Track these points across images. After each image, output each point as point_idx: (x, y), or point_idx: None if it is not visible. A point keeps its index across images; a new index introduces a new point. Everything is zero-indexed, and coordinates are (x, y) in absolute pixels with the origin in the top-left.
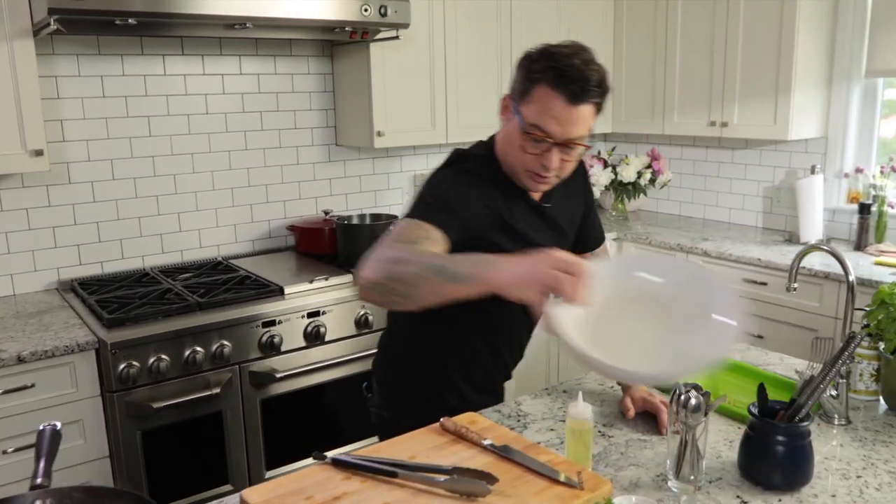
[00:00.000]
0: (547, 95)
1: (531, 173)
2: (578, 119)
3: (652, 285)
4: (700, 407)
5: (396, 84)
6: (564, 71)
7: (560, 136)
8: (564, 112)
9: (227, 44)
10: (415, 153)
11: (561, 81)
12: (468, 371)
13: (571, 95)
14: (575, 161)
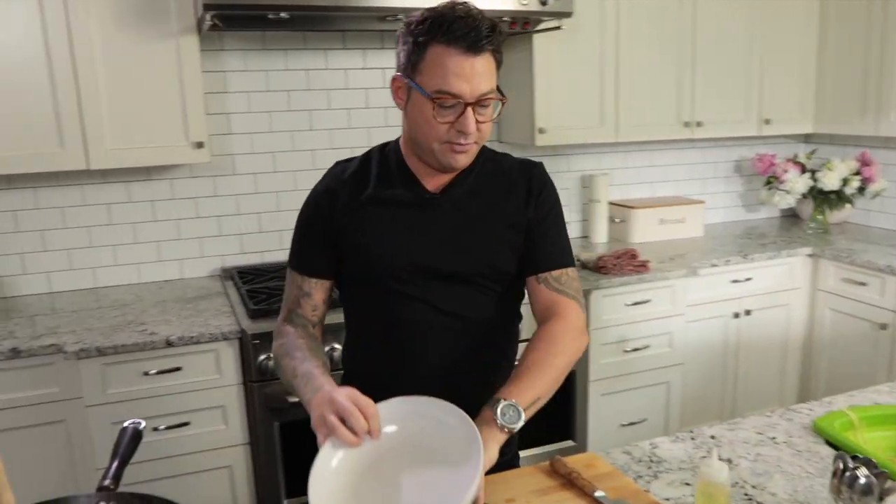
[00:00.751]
0: (442, 55)
1: (450, 145)
2: (483, 71)
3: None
4: (872, 489)
5: (562, 78)
6: (452, 24)
7: (469, 94)
8: (467, 66)
9: (388, 37)
10: (584, 152)
11: (453, 36)
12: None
13: (468, 46)
14: (490, 121)
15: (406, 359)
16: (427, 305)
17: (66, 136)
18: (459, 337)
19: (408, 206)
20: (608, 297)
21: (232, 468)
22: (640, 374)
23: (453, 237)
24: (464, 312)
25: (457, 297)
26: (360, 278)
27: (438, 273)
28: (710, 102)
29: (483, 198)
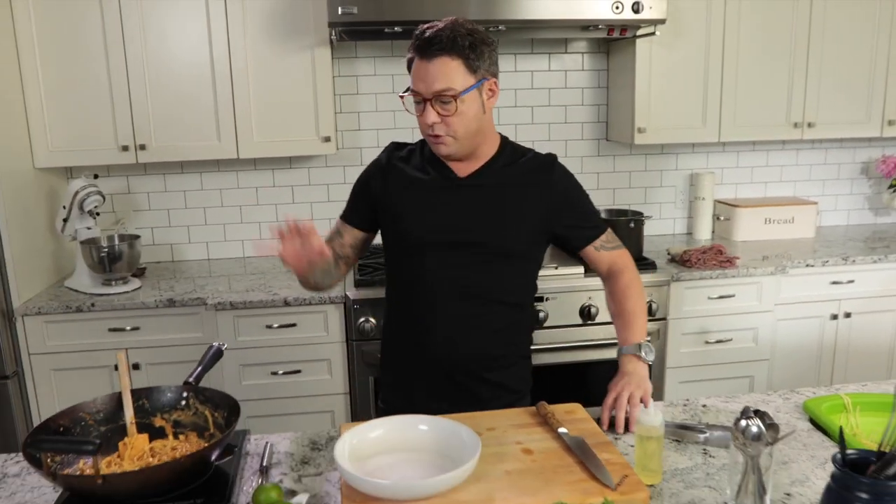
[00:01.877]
0: (412, 62)
1: (428, 137)
2: (436, 73)
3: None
4: (760, 437)
5: (664, 79)
6: (417, 37)
7: (425, 91)
8: (422, 69)
9: (503, 43)
10: (693, 151)
11: (415, 45)
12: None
13: (421, 52)
14: (458, 116)
15: (426, 317)
16: (448, 272)
17: (222, 130)
18: (472, 301)
19: (439, 188)
20: (690, 289)
21: (333, 413)
22: (721, 366)
23: (474, 216)
24: (483, 282)
25: (474, 268)
26: (395, 245)
27: (459, 246)
28: (824, 103)
29: (505, 185)
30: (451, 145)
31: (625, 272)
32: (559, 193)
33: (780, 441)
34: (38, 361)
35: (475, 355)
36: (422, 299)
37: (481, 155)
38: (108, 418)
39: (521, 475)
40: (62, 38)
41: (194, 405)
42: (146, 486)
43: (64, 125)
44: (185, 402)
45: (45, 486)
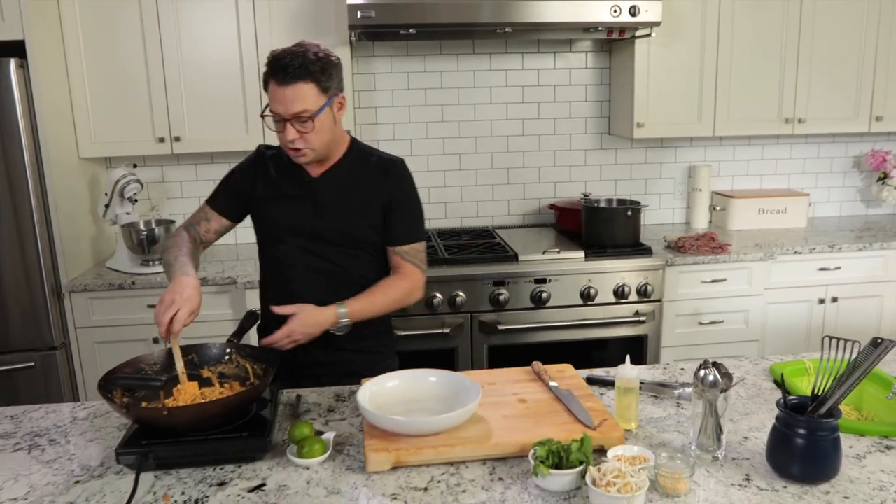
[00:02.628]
0: (270, 86)
1: (288, 150)
2: (293, 97)
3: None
4: (716, 384)
5: (662, 77)
6: (273, 63)
7: (284, 112)
8: (279, 93)
9: (511, 43)
10: (691, 144)
11: (272, 71)
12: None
13: (277, 79)
14: (315, 132)
15: (288, 296)
16: (306, 259)
17: (250, 123)
18: (329, 283)
19: (296, 186)
20: (683, 273)
21: None
22: (713, 346)
23: (325, 210)
24: (333, 266)
25: (328, 255)
26: (263, 235)
27: (314, 236)
28: (815, 99)
29: (351, 183)
30: (308, 156)
31: (403, 278)
32: (390, 194)
33: (732, 387)
34: (84, 334)
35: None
36: (283, 280)
37: (332, 157)
38: (164, 369)
39: (515, 419)
40: (104, 39)
41: (236, 359)
42: (201, 419)
43: (106, 119)
44: (228, 357)
45: (109, 427)
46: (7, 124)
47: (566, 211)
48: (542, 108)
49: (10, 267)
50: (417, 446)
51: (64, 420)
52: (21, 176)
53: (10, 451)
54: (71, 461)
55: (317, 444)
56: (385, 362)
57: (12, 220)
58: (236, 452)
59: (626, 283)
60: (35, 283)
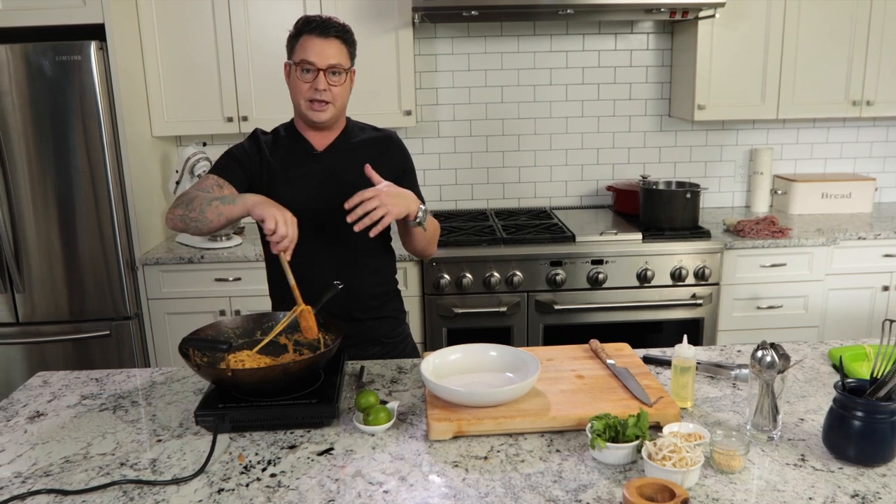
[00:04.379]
0: (304, 39)
1: (310, 102)
2: (330, 49)
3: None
4: (773, 364)
5: (724, 59)
6: (311, 20)
7: (320, 62)
8: (317, 45)
9: (572, 24)
10: (753, 127)
11: (310, 26)
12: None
13: (319, 32)
14: (343, 86)
15: (305, 270)
16: (318, 234)
17: None
18: (342, 259)
19: (303, 161)
20: (742, 256)
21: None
22: (771, 331)
23: (332, 183)
24: (341, 240)
25: (341, 228)
26: None
27: (328, 208)
28: (883, 81)
29: (359, 154)
30: (330, 112)
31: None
32: (400, 164)
33: (790, 368)
34: (155, 305)
35: (352, 299)
36: (299, 258)
37: (336, 129)
38: (245, 333)
39: (573, 393)
40: (177, 22)
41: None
42: (264, 382)
43: (177, 99)
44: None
45: (185, 392)
46: (88, 104)
47: (624, 193)
48: (602, 90)
49: (88, 240)
50: (478, 417)
51: (144, 384)
52: (99, 154)
53: (98, 410)
54: (153, 421)
55: (382, 412)
56: (401, 327)
57: (91, 196)
58: (306, 418)
59: (684, 266)
60: (111, 256)
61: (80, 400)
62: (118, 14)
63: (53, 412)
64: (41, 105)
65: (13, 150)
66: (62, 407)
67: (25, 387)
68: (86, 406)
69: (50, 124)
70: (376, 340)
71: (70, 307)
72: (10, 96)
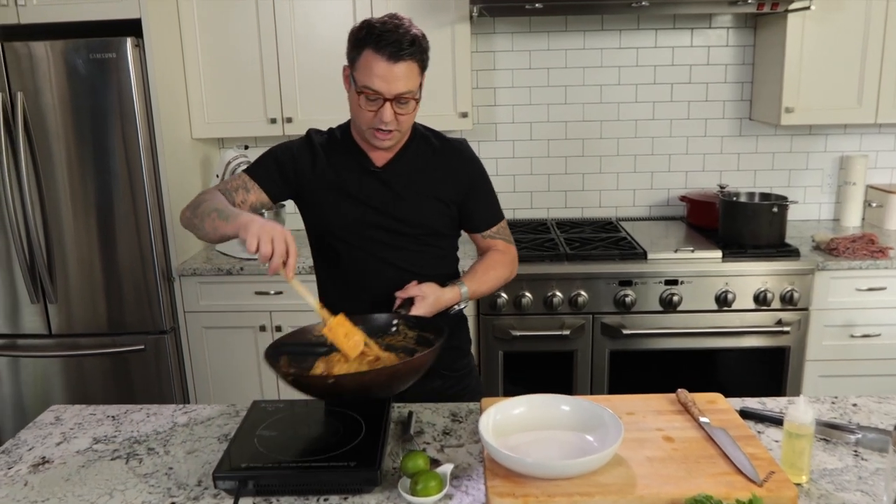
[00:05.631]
0: (370, 58)
1: (373, 130)
2: (400, 75)
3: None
4: None
5: (816, 56)
6: (381, 36)
7: (387, 92)
8: (386, 70)
9: (644, 18)
10: (845, 132)
11: (381, 45)
12: None
13: (390, 55)
14: (411, 114)
15: (356, 293)
16: (375, 254)
17: None
18: (401, 279)
19: (360, 176)
20: (835, 279)
21: None
22: (867, 362)
23: (399, 202)
24: (403, 261)
25: (400, 249)
26: (322, 227)
27: (385, 229)
28: None
29: (423, 170)
30: (394, 139)
31: (502, 251)
32: (469, 178)
33: None
34: (192, 319)
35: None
36: (347, 276)
37: (398, 143)
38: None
39: (663, 462)
40: (219, 18)
41: (403, 331)
42: (371, 387)
43: (218, 99)
44: (395, 328)
45: (209, 437)
46: (124, 104)
47: (699, 204)
48: (675, 90)
49: (127, 249)
50: (549, 492)
51: (164, 425)
52: (136, 156)
53: (109, 458)
54: (168, 477)
55: (432, 479)
56: (465, 358)
57: (129, 202)
58: (342, 484)
59: (769, 289)
60: (148, 265)
61: (92, 444)
62: (155, 8)
63: (60, 459)
64: (77, 106)
65: (51, 153)
66: (70, 453)
67: (35, 424)
68: (97, 453)
69: (87, 126)
70: (437, 373)
71: (107, 319)
72: (47, 96)
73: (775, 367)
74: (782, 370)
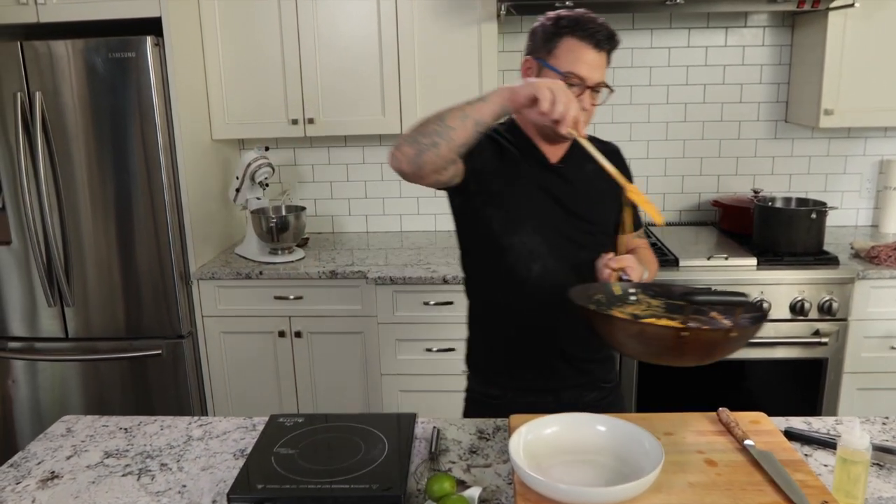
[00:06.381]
0: (573, 44)
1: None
2: (602, 64)
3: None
4: None
5: (858, 56)
6: (586, 24)
7: (591, 80)
8: (593, 57)
9: (677, 17)
10: (885, 135)
11: (587, 32)
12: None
13: (597, 43)
14: (596, 106)
15: (528, 293)
16: (554, 251)
17: (387, 106)
18: (577, 278)
19: (538, 171)
20: (876, 288)
21: None
22: None
23: (572, 199)
24: (579, 259)
25: (578, 247)
26: (496, 224)
27: (568, 226)
28: None
29: (592, 169)
30: (582, 130)
31: (647, 248)
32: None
33: None
34: (210, 323)
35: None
36: (520, 275)
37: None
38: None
39: (706, 489)
40: (241, 16)
41: (644, 300)
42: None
43: (239, 99)
44: (634, 297)
45: (223, 453)
46: (143, 104)
47: (732, 209)
48: (708, 92)
49: (143, 251)
50: None
51: (178, 439)
52: (155, 158)
53: (120, 474)
54: (181, 495)
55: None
56: (615, 368)
57: (148, 203)
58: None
59: (806, 298)
60: (166, 268)
61: (103, 458)
62: (176, 7)
63: (70, 474)
64: (96, 106)
65: (69, 154)
66: (81, 467)
67: (46, 435)
68: (107, 467)
69: (107, 126)
70: (594, 385)
71: (125, 323)
72: (66, 95)
73: (811, 380)
74: (819, 383)
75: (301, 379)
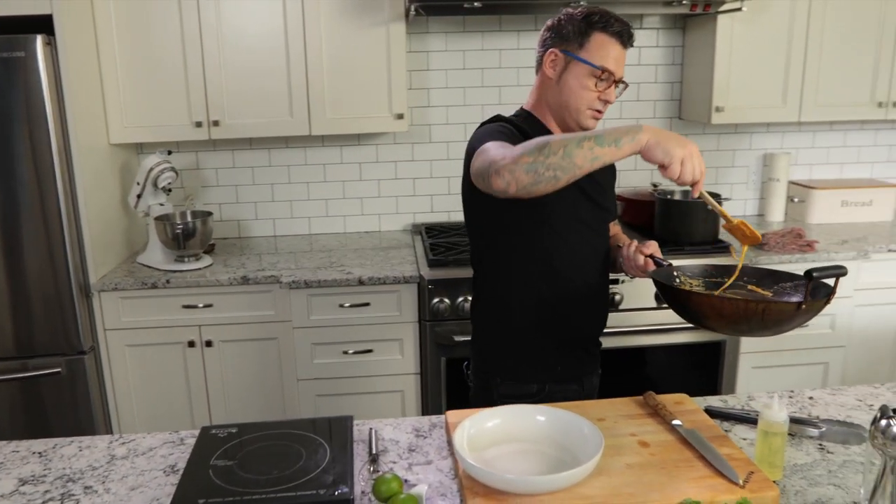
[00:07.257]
0: (606, 41)
1: (593, 111)
2: (624, 60)
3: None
4: None
5: (744, 57)
6: (612, 23)
7: (617, 73)
8: (619, 53)
9: None
10: (768, 130)
11: (614, 29)
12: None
13: (623, 40)
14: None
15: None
16: (583, 240)
17: (294, 107)
18: (603, 265)
19: None
20: None
21: (403, 393)
22: (794, 352)
23: (594, 188)
24: (602, 245)
25: (600, 233)
26: (525, 217)
27: (593, 215)
28: None
29: None
30: (599, 121)
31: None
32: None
33: None
34: (114, 337)
35: (601, 322)
36: (552, 264)
37: None
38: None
39: (642, 469)
40: (138, 13)
41: (686, 280)
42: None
43: (139, 102)
44: (677, 278)
45: (153, 470)
46: (34, 107)
47: (633, 203)
48: None
49: (35, 263)
50: None
51: (100, 459)
52: (48, 164)
53: (40, 501)
54: None
55: (410, 502)
56: None
57: (39, 212)
58: None
59: None
60: (62, 280)
61: (18, 486)
62: (68, 4)
63: None
64: None
65: None
66: None
67: None
68: (25, 496)
69: None
70: (597, 370)
71: (13, 341)
72: None
73: (711, 361)
74: (719, 363)
75: (213, 390)
